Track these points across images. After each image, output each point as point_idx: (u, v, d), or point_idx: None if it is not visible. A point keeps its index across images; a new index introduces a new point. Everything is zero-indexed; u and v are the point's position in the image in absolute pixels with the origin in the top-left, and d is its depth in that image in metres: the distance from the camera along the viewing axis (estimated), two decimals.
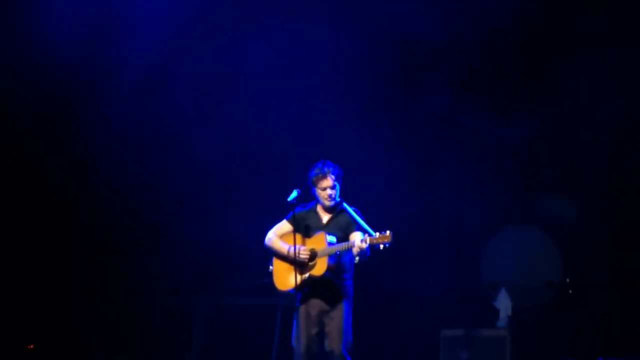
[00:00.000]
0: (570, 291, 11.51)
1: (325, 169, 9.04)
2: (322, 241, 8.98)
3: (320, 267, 8.96)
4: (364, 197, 9.40)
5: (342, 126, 12.05)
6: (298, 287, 9.01)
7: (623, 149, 11.72)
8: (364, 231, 8.86)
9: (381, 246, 8.65)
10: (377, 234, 8.68)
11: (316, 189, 9.10)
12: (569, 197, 11.99)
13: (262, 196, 11.52)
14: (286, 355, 9.34)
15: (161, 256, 12.16)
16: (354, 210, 9.07)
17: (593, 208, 11.89)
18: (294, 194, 9.06)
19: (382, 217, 9.43)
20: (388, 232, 8.65)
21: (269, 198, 10.05)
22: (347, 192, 9.31)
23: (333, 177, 9.04)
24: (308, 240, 9.09)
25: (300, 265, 9.01)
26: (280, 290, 9.18)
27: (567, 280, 11.60)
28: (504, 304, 11.86)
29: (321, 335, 9.14)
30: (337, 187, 9.08)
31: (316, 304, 9.08)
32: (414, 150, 12.11)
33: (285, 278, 9.12)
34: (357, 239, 8.71)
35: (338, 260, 8.97)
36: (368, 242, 8.65)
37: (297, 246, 8.99)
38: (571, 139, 11.91)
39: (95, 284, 12.16)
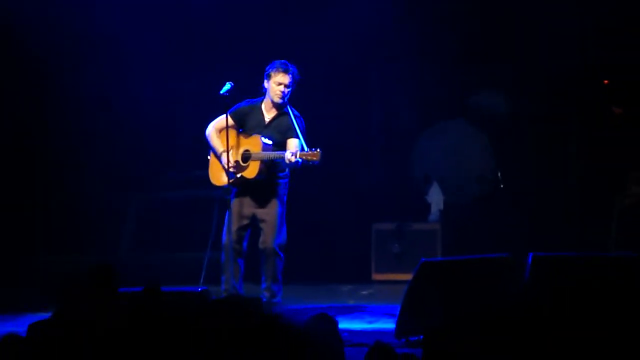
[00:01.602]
0: (502, 185, 11.60)
1: (288, 67, 9.04)
2: (258, 144, 9.02)
3: (252, 170, 9.03)
4: (293, 96, 9.31)
5: (267, 23, 11.87)
6: (230, 185, 9.06)
7: (557, 49, 11.69)
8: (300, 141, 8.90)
9: (310, 162, 8.72)
10: (308, 150, 8.73)
11: (270, 82, 9.09)
12: (500, 92, 11.99)
13: (198, 88, 11.36)
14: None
15: (93, 150, 11.97)
16: (296, 116, 9.09)
17: (525, 103, 11.91)
18: (227, 86, 9.06)
19: (313, 116, 9.41)
20: (318, 150, 8.73)
21: (205, 90, 9.91)
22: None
23: (291, 76, 9.04)
24: (244, 140, 9.11)
25: (232, 166, 9.04)
26: (214, 184, 9.22)
27: (499, 174, 11.67)
28: (435, 198, 11.93)
29: (255, 232, 9.19)
30: (290, 90, 9.07)
31: (249, 201, 9.18)
32: (343, 49, 11.97)
33: (219, 174, 9.19)
34: (288, 153, 8.77)
35: (271, 162, 9.00)
36: (298, 156, 8.71)
37: (229, 151, 8.97)
38: (504, 37, 11.86)
39: (24, 178, 11.98)
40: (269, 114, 9.17)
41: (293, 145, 8.95)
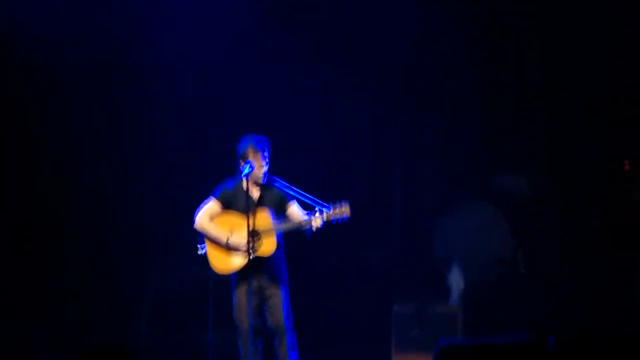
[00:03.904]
0: (523, 270, 11.53)
1: (261, 145, 8.79)
2: (266, 218, 8.73)
3: (269, 247, 8.74)
4: (311, 167, 9.26)
5: (285, 86, 11.87)
6: (245, 269, 8.74)
7: (574, 125, 11.72)
8: (312, 204, 8.70)
9: (335, 221, 8.53)
10: (333, 208, 8.54)
11: (253, 166, 8.79)
12: (522, 174, 11.98)
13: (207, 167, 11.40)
14: (221, 323, 9.22)
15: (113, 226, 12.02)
16: (278, 180, 8.88)
17: (545, 185, 11.90)
18: (247, 169, 8.77)
19: (332, 190, 9.33)
20: (346, 205, 8.50)
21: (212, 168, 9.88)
22: (290, 162, 9.21)
23: (267, 154, 8.84)
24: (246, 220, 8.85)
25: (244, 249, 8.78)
26: (223, 273, 8.92)
27: (520, 257, 11.60)
28: (456, 280, 11.85)
29: (262, 309, 8.95)
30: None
31: (257, 281, 8.84)
32: (365, 123, 12.01)
33: (226, 261, 8.88)
34: (316, 218, 8.52)
35: (283, 236, 8.82)
36: (326, 218, 8.50)
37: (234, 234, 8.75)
38: (523, 116, 11.89)
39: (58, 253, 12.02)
40: (255, 192, 8.90)
41: (298, 209, 8.76)
